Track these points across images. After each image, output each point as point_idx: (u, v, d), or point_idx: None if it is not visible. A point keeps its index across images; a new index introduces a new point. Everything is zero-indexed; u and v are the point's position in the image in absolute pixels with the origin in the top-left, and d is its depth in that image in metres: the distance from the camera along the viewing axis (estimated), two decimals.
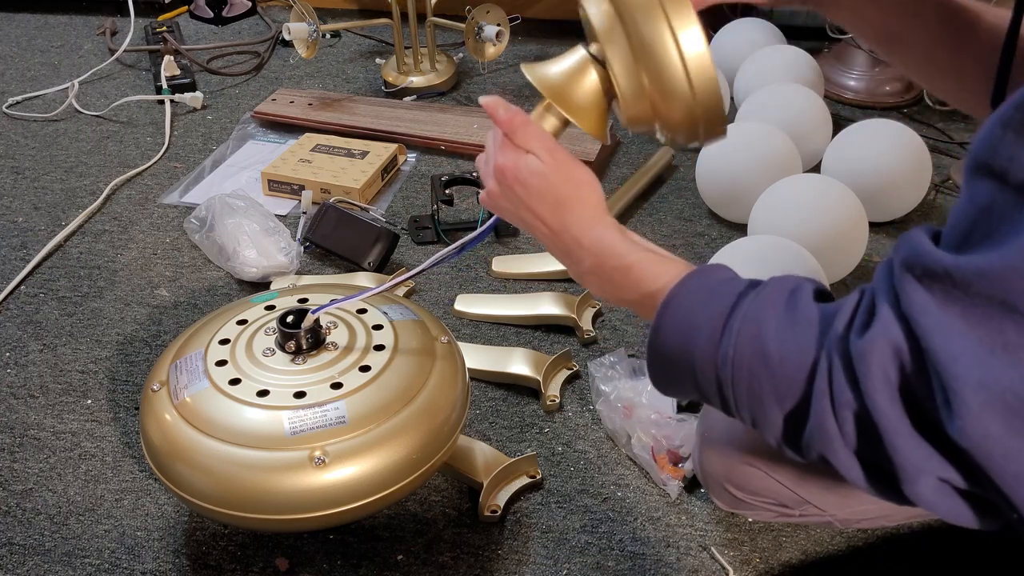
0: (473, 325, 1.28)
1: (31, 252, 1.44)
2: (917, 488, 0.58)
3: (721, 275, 0.70)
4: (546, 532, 0.99)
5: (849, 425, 0.59)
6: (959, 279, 0.54)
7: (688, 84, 0.67)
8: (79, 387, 1.20)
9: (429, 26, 1.84)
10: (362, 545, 0.98)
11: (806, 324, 0.62)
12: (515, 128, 0.75)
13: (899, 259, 0.58)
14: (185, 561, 0.97)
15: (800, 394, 0.61)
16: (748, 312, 0.64)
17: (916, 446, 0.57)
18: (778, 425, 0.64)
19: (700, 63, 0.66)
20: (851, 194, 1.30)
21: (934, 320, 0.54)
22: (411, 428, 0.88)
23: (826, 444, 0.60)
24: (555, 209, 0.76)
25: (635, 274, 0.74)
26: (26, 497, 1.05)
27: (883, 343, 0.56)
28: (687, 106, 0.68)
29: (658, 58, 0.67)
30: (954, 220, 0.56)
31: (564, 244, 0.77)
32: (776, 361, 0.62)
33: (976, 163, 0.55)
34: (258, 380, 0.89)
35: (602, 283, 0.77)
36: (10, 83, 1.97)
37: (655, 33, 0.67)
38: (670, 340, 0.69)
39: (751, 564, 0.96)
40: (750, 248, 1.21)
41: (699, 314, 0.67)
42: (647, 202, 1.53)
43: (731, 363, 0.64)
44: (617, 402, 1.07)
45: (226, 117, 1.83)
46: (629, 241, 0.75)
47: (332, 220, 1.39)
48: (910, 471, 0.57)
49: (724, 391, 0.66)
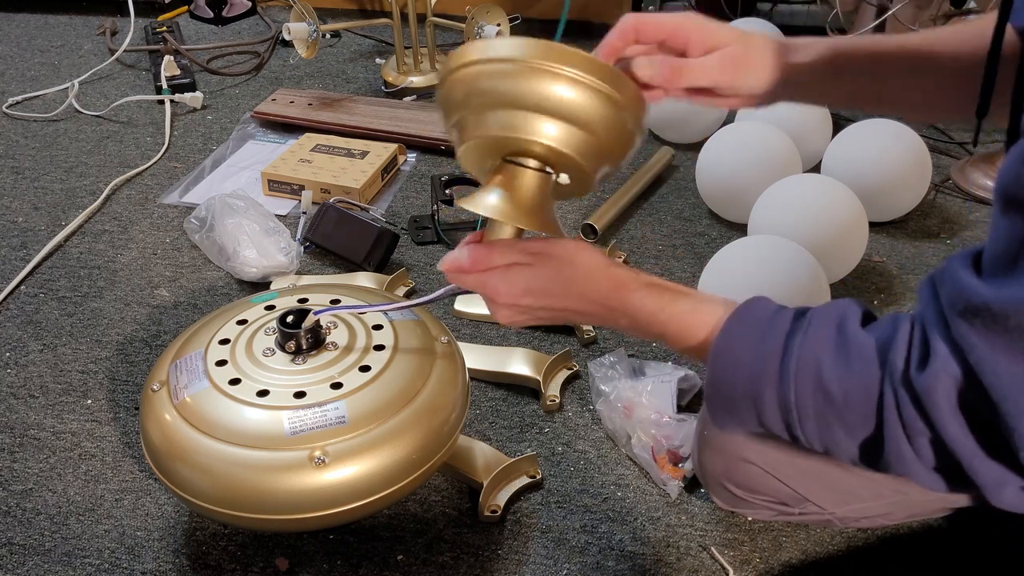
0: (473, 325, 1.28)
1: (31, 252, 1.44)
2: (1002, 498, 0.62)
3: (762, 313, 0.71)
4: (546, 532, 0.99)
5: (926, 450, 0.63)
6: (998, 312, 0.56)
7: (602, 90, 0.66)
8: (79, 387, 1.20)
9: (429, 26, 1.84)
10: (362, 545, 0.98)
11: (861, 359, 0.64)
12: (483, 261, 0.75)
13: (944, 294, 0.61)
14: (185, 561, 0.97)
15: (872, 426, 0.64)
16: (801, 354, 0.66)
17: (992, 467, 0.61)
18: (853, 452, 0.67)
19: (593, 67, 0.66)
20: (851, 194, 1.30)
21: (981, 355, 0.57)
22: (411, 428, 0.88)
23: (907, 467, 0.64)
24: (566, 294, 0.76)
25: (673, 331, 0.75)
26: (26, 497, 1.05)
27: (945, 378, 0.59)
28: (616, 113, 0.67)
29: (560, 96, 0.66)
30: (993, 249, 0.58)
31: (596, 314, 0.77)
32: (840, 400, 0.65)
33: (1006, 196, 0.57)
34: (258, 380, 0.89)
35: (644, 336, 0.79)
36: (10, 83, 1.97)
37: (531, 79, 0.66)
38: (728, 391, 0.71)
39: (751, 564, 0.96)
40: (750, 248, 1.21)
41: (751, 361, 0.69)
42: (647, 202, 1.53)
43: (795, 407, 0.67)
44: (617, 402, 1.07)
45: (226, 117, 1.83)
46: (655, 295, 0.75)
47: (332, 220, 1.39)
48: (992, 487, 0.62)
49: (793, 431, 0.69)
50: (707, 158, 1.45)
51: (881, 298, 1.31)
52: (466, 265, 0.75)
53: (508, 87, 0.67)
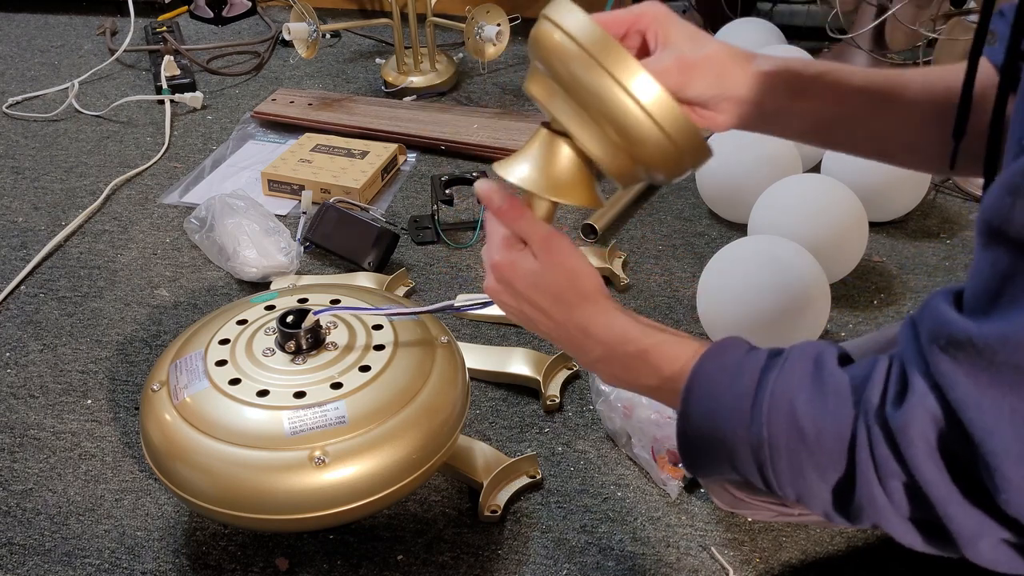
0: (473, 325, 1.28)
1: (31, 252, 1.44)
2: (976, 551, 0.58)
3: (738, 351, 0.68)
4: (546, 532, 1.00)
5: (899, 494, 0.59)
6: (983, 347, 0.53)
7: (659, 130, 0.64)
8: (79, 387, 1.20)
9: (429, 26, 1.84)
10: (362, 545, 0.98)
11: (836, 395, 0.61)
12: (510, 220, 0.73)
13: (924, 330, 0.57)
14: (185, 561, 0.97)
15: (843, 466, 0.61)
16: (775, 388, 0.63)
17: (969, 514, 0.57)
18: (825, 498, 0.63)
19: (662, 107, 0.64)
20: (851, 194, 1.30)
21: (964, 392, 0.54)
22: (411, 428, 0.88)
23: (877, 513, 0.60)
24: (555, 303, 0.74)
25: (653, 359, 0.72)
26: (26, 497, 1.05)
27: (922, 414, 0.56)
28: (666, 150, 0.66)
29: (620, 117, 0.64)
30: (975, 285, 0.56)
31: (570, 336, 0.75)
32: (812, 437, 0.61)
33: (990, 229, 0.54)
34: (258, 380, 0.89)
35: (615, 371, 0.75)
36: (10, 83, 1.97)
37: (606, 94, 0.64)
38: (700, 426, 0.68)
39: (751, 564, 0.96)
40: (750, 248, 1.21)
41: (724, 396, 0.66)
42: (647, 202, 1.53)
43: (767, 444, 0.63)
44: (617, 402, 1.07)
45: (226, 117, 1.83)
46: (641, 325, 0.73)
47: (332, 220, 1.39)
48: (967, 536, 0.57)
49: (765, 472, 0.65)
50: None
51: (881, 298, 1.31)
52: (496, 202, 0.73)
53: (576, 70, 0.64)
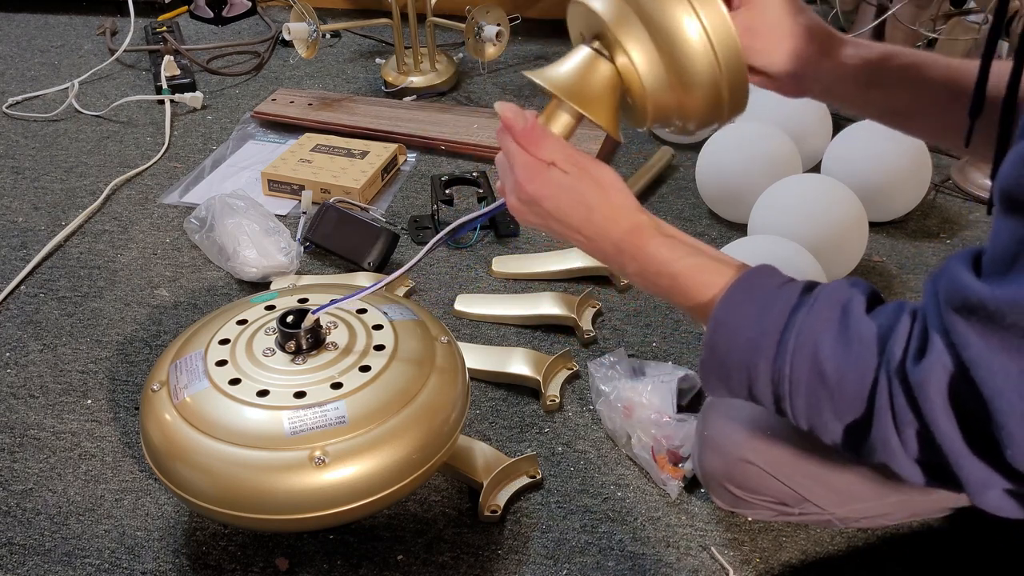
0: (473, 325, 1.28)
1: (31, 252, 1.44)
2: (984, 499, 0.62)
3: (770, 282, 0.70)
4: (546, 532, 0.99)
5: (912, 441, 0.63)
6: (994, 310, 0.56)
7: (713, 55, 0.64)
8: (79, 387, 1.20)
9: (429, 26, 1.84)
10: (362, 545, 0.98)
11: (861, 344, 0.64)
12: (533, 140, 0.73)
13: (941, 290, 0.61)
14: (185, 561, 0.97)
15: (861, 411, 0.64)
16: (802, 328, 0.66)
17: (979, 466, 0.61)
18: (838, 434, 0.67)
19: (723, 34, 0.64)
20: (851, 194, 1.30)
21: (976, 353, 0.57)
22: (411, 428, 0.88)
23: (889, 455, 0.64)
24: (587, 219, 0.74)
25: (681, 284, 0.73)
26: (26, 497, 1.05)
27: (940, 371, 0.59)
28: (714, 83, 0.65)
29: (680, 37, 0.64)
30: (993, 249, 0.58)
31: (604, 251, 0.76)
32: (834, 381, 0.65)
33: (1009, 198, 0.57)
34: (258, 380, 0.89)
35: (648, 287, 0.77)
36: (10, 83, 1.97)
37: (673, 11, 0.64)
38: (725, 353, 0.70)
39: (751, 564, 0.96)
40: (750, 248, 1.21)
41: (752, 330, 0.68)
42: (647, 202, 1.53)
43: (788, 380, 0.67)
44: (617, 402, 1.07)
45: (226, 117, 1.83)
46: (670, 246, 0.74)
47: (332, 220, 1.39)
48: (976, 486, 0.62)
49: (781, 404, 0.68)
50: (707, 158, 1.45)
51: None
52: (517, 129, 0.72)
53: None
